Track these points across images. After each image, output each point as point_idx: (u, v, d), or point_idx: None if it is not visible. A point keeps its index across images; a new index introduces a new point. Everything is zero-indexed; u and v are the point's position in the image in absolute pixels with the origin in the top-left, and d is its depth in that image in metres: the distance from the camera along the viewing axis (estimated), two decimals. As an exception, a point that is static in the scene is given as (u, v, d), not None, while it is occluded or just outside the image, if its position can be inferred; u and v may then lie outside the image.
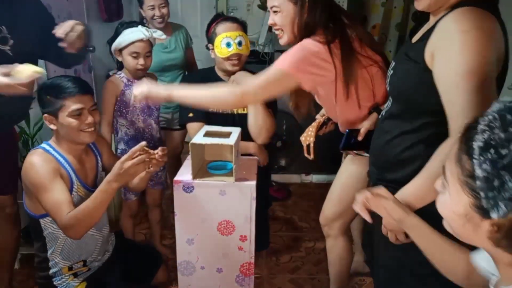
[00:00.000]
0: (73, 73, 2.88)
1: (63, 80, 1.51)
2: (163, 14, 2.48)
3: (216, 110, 1.92)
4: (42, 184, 1.39)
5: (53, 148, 1.51)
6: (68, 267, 1.57)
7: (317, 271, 2.22)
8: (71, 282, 1.59)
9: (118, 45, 1.92)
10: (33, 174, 1.41)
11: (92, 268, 1.64)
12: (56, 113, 1.49)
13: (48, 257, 1.55)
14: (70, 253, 1.56)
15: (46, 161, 1.44)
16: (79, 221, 1.35)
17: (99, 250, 1.65)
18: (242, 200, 1.58)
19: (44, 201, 1.40)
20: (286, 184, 3.28)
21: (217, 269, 1.69)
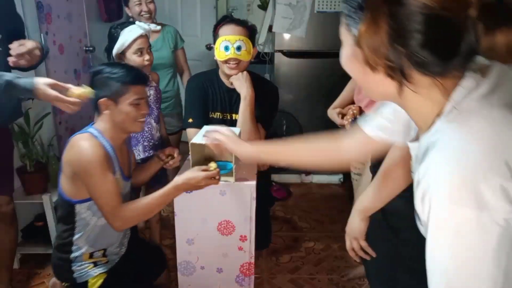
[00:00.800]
0: (73, 73, 2.89)
1: (128, 68, 1.54)
2: (150, 9, 2.44)
3: (216, 116, 1.92)
4: (95, 171, 1.38)
5: (101, 135, 1.50)
6: (89, 254, 1.56)
7: (317, 271, 2.22)
8: (90, 271, 1.57)
9: (121, 47, 1.90)
10: (85, 159, 1.39)
11: (110, 261, 1.62)
12: (117, 99, 1.49)
13: (73, 241, 1.54)
14: (95, 240, 1.55)
15: (97, 147, 1.42)
16: (136, 216, 1.42)
17: (120, 241, 1.65)
18: (242, 200, 1.58)
19: (95, 188, 1.39)
20: (286, 184, 3.27)
21: (217, 269, 1.69)
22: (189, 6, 3.78)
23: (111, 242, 1.60)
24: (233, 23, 1.83)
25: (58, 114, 2.69)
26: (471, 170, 0.57)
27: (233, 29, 1.81)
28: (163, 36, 2.56)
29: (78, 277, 1.56)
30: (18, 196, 2.14)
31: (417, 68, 0.60)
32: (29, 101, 2.31)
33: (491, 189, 0.56)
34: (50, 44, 2.56)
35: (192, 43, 2.99)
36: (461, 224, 0.57)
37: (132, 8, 2.45)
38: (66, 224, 1.53)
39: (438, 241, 0.61)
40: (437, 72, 0.60)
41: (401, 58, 0.59)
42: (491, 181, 0.56)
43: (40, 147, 2.21)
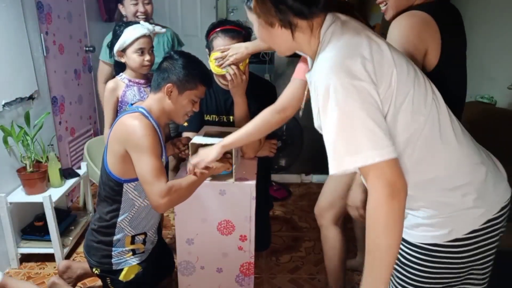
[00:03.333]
0: (73, 73, 2.89)
1: (204, 67, 1.61)
2: (147, 10, 2.27)
3: (212, 118, 1.91)
4: (148, 148, 1.41)
5: (149, 114, 1.53)
6: (131, 236, 1.60)
7: (317, 271, 2.22)
8: (128, 259, 1.62)
9: (122, 44, 1.88)
10: (138, 135, 1.42)
11: (146, 251, 1.67)
12: (183, 90, 1.55)
13: (118, 222, 1.57)
14: (138, 222, 1.60)
15: (149, 126, 1.46)
16: (178, 196, 1.45)
17: (157, 227, 1.71)
18: (242, 199, 1.58)
19: (145, 165, 1.41)
20: (286, 184, 3.27)
21: (217, 269, 1.69)
22: (189, 6, 3.79)
23: (152, 225, 1.65)
24: (227, 36, 1.75)
25: (58, 114, 2.70)
26: (339, 57, 0.87)
27: (228, 44, 1.73)
28: (157, 40, 2.32)
29: (116, 263, 1.60)
30: (18, 196, 2.14)
31: (296, 15, 0.92)
32: (29, 101, 2.32)
33: (354, 64, 0.85)
34: (50, 44, 2.56)
35: (192, 43, 2.98)
36: (337, 89, 0.83)
37: (128, 7, 2.27)
38: (110, 205, 1.57)
39: (325, 111, 0.86)
40: (308, 15, 0.92)
41: (285, 12, 0.91)
42: (353, 59, 0.85)
43: (40, 147, 2.22)
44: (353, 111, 0.83)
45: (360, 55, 0.86)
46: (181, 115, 1.59)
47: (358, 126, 0.82)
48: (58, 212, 2.24)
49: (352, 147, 0.83)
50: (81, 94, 3.01)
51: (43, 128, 2.22)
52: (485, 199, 0.97)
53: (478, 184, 0.97)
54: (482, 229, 0.97)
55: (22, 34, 2.24)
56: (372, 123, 0.82)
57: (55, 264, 2.17)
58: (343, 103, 0.83)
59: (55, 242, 2.15)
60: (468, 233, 0.96)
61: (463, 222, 0.96)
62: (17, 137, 2.05)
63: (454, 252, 0.97)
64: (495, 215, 0.98)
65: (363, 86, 0.83)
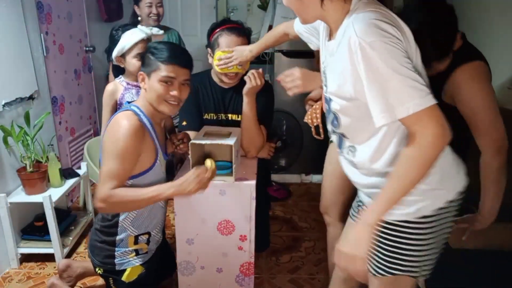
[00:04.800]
0: (73, 73, 2.89)
1: (169, 46, 1.53)
2: (159, 13, 2.55)
3: (210, 117, 1.92)
4: (116, 152, 1.40)
5: (142, 112, 1.51)
6: (134, 236, 1.59)
7: (317, 271, 2.22)
8: (131, 259, 1.60)
9: (121, 50, 1.89)
10: (116, 138, 1.41)
11: (149, 251, 1.65)
12: (150, 74, 1.50)
13: (120, 221, 1.56)
14: (141, 221, 1.58)
15: (135, 128, 1.42)
16: (122, 203, 1.40)
17: (161, 225, 1.70)
18: (242, 199, 1.58)
19: (104, 165, 1.41)
20: (286, 184, 3.27)
21: (217, 269, 1.69)
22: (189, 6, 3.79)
23: (155, 224, 1.64)
24: (233, 34, 1.78)
25: (58, 114, 2.70)
26: (374, 21, 0.94)
27: (234, 41, 1.77)
28: (168, 39, 2.64)
29: (119, 264, 1.59)
30: (18, 196, 2.14)
31: None
32: (29, 101, 2.32)
33: (389, 27, 0.94)
34: (50, 44, 2.56)
35: (192, 43, 2.99)
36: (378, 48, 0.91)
37: (143, 9, 2.53)
38: None
39: (369, 69, 0.93)
40: None
41: None
42: (388, 25, 0.94)
43: (40, 147, 2.22)
44: (396, 66, 0.91)
45: (391, 22, 0.96)
46: (158, 102, 1.50)
47: (403, 79, 0.91)
48: (58, 212, 2.24)
49: (403, 97, 0.91)
50: (81, 94, 3.01)
51: (43, 128, 2.22)
52: (448, 183, 1.12)
53: (444, 169, 1.09)
54: (444, 207, 1.11)
55: (22, 34, 2.24)
56: (413, 75, 0.92)
57: (55, 264, 2.17)
58: (386, 60, 0.91)
59: (55, 242, 2.15)
60: (433, 210, 1.09)
61: (429, 201, 1.09)
62: (17, 137, 2.05)
63: (422, 228, 1.10)
64: (454, 198, 1.12)
65: (399, 44, 0.93)
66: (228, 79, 1.84)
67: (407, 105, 0.91)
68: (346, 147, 1.17)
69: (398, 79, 0.91)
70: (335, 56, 1.07)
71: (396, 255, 1.14)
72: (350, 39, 0.95)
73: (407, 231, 1.11)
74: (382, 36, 0.92)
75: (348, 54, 0.97)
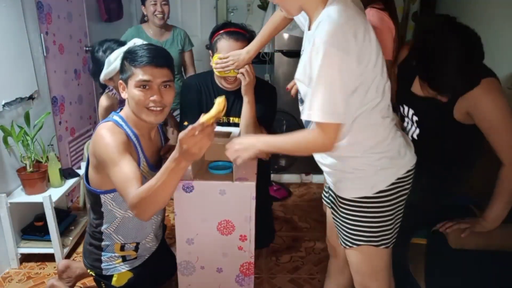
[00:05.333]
0: (73, 73, 2.89)
1: (142, 47, 1.40)
2: (164, 11, 2.60)
3: None
4: (112, 158, 1.29)
5: (125, 122, 1.41)
6: (121, 245, 1.52)
7: (317, 271, 2.22)
8: (118, 265, 1.54)
9: (109, 73, 1.82)
10: (103, 148, 1.32)
11: (139, 257, 1.58)
12: (127, 81, 1.38)
13: (103, 230, 1.51)
14: (126, 232, 1.52)
15: (116, 134, 1.35)
16: (144, 201, 1.19)
17: (153, 235, 1.61)
18: (242, 199, 1.57)
19: (114, 176, 1.29)
20: (286, 184, 3.28)
21: (217, 269, 1.69)
22: (189, 6, 3.79)
23: (144, 235, 1.56)
24: (231, 38, 1.77)
25: (58, 114, 2.70)
26: (339, 27, 1.04)
27: (233, 45, 1.75)
28: (173, 37, 2.71)
29: (105, 269, 1.55)
30: (18, 196, 2.14)
31: None
32: (29, 101, 2.32)
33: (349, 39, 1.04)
34: (50, 44, 2.56)
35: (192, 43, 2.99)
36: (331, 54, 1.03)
37: (148, 8, 2.60)
38: (94, 213, 1.52)
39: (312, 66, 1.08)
40: None
41: None
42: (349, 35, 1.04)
43: (40, 147, 2.22)
44: (332, 77, 1.05)
45: (356, 33, 1.06)
46: (139, 109, 1.38)
47: (330, 92, 1.06)
48: (58, 212, 2.24)
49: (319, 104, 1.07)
50: (81, 94, 3.01)
51: (43, 128, 2.22)
52: (397, 162, 1.28)
53: (393, 152, 1.26)
54: (396, 183, 1.27)
55: (22, 34, 2.24)
56: (341, 93, 1.07)
57: (55, 264, 2.17)
58: (327, 67, 1.05)
59: (55, 242, 2.16)
60: (387, 185, 1.26)
61: (382, 178, 1.26)
62: (17, 137, 2.05)
63: (380, 201, 1.28)
64: (404, 175, 1.29)
65: (349, 60, 1.05)
66: (227, 83, 1.84)
67: (316, 113, 1.08)
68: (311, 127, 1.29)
69: (328, 89, 1.06)
70: (307, 47, 1.17)
71: (358, 228, 1.32)
72: (316, 36, 1.07)
73: (367, 205, 1.29)
74: (341, 49, 1.04)
75: (311, 47, 1.09)
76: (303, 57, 1.23)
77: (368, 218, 1.30)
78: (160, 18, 2.60)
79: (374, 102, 1.19)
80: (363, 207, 1.29)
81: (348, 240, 1.37)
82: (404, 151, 1.30)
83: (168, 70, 1.40)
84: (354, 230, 1.34)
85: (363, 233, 1.33)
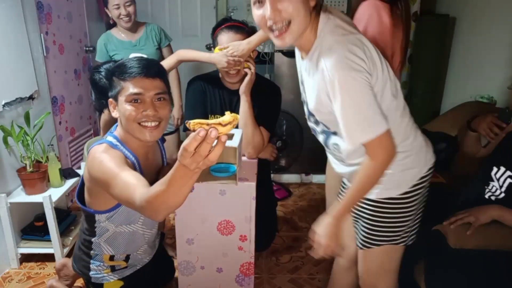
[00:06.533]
0: (73, 73, 2.89)
1: (131, 59, 1.29)
2: (129, 12, 2.43)
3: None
4: (110, 173, 1.17)
5: (120, 142, 1.30)
6: (110, 255, 1.46)
7: (317, 271, 2.22)
8: (106, 275, 1.48)
9: None
10: (98, 166, 1.21)
11: (130, 267, 1.52)
12: (116, 97, 1.27)
13: (93, 240, 1.45)
14: (116, 245, 1.46)
15: (112, 153, 1.24)
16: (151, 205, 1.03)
17: (145, 248, 1.53)
18: (242, 200, 1.57)
19: (116, 189, 1.14)
20: (286, 184, 3.27)
21: (217, 269, 1.69)
22: (189, 6, 3.78)
23: (135, 248, 1.50)
24: (231, 31, 1.78)
25: (58, 114, 2.69)
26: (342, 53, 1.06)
27: (232, 37, 1.77)
28: (146, 34, 2.56)
29: (94, 277, 1.49)
30: (18, 196, 2.14)
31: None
32: (29, 101, 2.32)
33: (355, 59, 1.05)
34: (50, 44, 2.56)
35: (192, 43, 2.98)
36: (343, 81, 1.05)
37: (112, 11, 2.44)
38: (88, 225, 1.47)
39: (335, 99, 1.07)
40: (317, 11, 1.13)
41: None
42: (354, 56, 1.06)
43: (40, 147, 2.21)
44: (355, 100, 1.07)
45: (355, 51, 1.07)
46: (132, 127, 1.26)
47: (359, 111, 1.07)
48: (58, 212, 2.24)
49: (359, 128, 1.08)
50: (81, 94, 3.01)
51: (43, 128, 2.22)
52: (420, 162, 1.30)
53: (415, 151, 1.28)
54: (420, 183, 1.30)
55: (22, 34, 2.24)
56: (372, 106, 1.07)
57: (55, 264, 2.17)
58: (350, 92, 1.06)
59: (55, 242, 2.15)
60: (411, 186, 1.28)
61: (407, 177, 1.28)
62: (17, 137, 2.05)
63: (404, 202, 1.29)
64: (426, 173, 1.31)
65: (362, 76, 1.06)
66: (230, 78, 1.83)
67: (360, 136, 1.09)
68: (331, 144, 1.30)
69: (357, 112, 1.08)
70: (310, 79, 1.20)
71: (381, 228, 1.33)
72: (323, 71, 1.08)
73: (392, 206, 1.29)
74: (351, 69, 1.05)
75: (322, 84, 1.10)
76: (309, 89, 1.23)
77: (392, 219, 1.31)
78: (126, 21, 2.43)
79: (392, 105, 1.20)
80: (388, 207, 1.30)
81: (367, 241, 1.37)
82: (425, 149, 1.32)
83: (161, 81, 1.29)
84: (377, 231, 1.34)
85: (386, 233, 1.33)
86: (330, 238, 1.24)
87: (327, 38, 1.10)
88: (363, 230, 1.37)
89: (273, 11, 1.04)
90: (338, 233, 1.25)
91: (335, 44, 1.08)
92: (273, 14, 1.04)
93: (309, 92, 1.24)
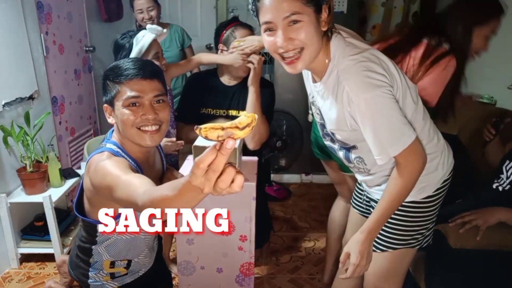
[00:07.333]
0: (73, 73, 2.89)
1: (124, 61, 1.22)
2: (152, 16, 2.63)
3: (208, 112, 1.96)
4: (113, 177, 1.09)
5: (121, 149, 1.23)
6: (110, 261, 1.40)
7: (317, 271, 2.22)
8: (105, 283, 1.42)
9: (139, 53, 1.75)
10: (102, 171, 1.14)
11: (130, 274, 1.46)
12: (112, 102, 1.19)
13: (92, 247, 1.39)
14: (117, 251, 1.40)
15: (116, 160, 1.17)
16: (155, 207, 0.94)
17: (146, 252, 1.47)
18: (242, 200, 1.58)
19: (118, 192, 1.07)
20: (286, 184, 3.28)
21: (217, 269, 1.69)
22: (189, 6, 3.78)
23: (136, 253, 1.44)
24: (245, 28, 1.90)
25: (58, 114, 2.69)
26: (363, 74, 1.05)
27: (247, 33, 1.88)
28: (170, 36, 2.72)
29: (92, 285, 1.43)
30: (18, 196, 2.14)
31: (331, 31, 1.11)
32: (29, 101, 2.32)
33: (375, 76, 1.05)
34: (50, 44, 2.56)
35: (192, 43, 2.98)
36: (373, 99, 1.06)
37: (137, 16, 2.67)
38: (87, 234, 1.39)
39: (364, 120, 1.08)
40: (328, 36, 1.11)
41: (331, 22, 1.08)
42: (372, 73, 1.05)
43: (40, 147, 2.21)
44: (383, 115, 1.07)
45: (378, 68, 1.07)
46: (130, 132, 1.19)
47: (389, 125, 1.08)
48: (58, 212, 2.24)
49: (390, 141, 1.09)
50: (81, 94, 3.01)
51: (43, 128, 2.22)
52: (443, 165, 1.29)
53: (440, 153, 1.28)
54: (442, 186, 1.30)
55: (22, 34, 2.24)
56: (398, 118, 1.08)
57: (55, 264, 2.17)
58: (380, 111, 1.07)
59: (55, 242, 2.15)
60: (434, 190, 1.28)
61: (431, 182, 1.27)
62: (17, 137, 2.05)
63: (427, 206, 1.29)
64: (448, 177, 1.32)
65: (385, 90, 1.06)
66: (243, 72, 1.89)
67: (392, 149, 1.09)
68: (353, 159, 1.29)
69: (387, 125, 1.08)
70: (326, 101, 1.19)
71: (401, 232, 1.31)
72: (347, 93, 1.08)
73: (414, 210, 1.28)
74: (375, 88, 1.05)
75: (343, 106, 1.11)
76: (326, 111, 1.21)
77: (413, 223, 1.30)
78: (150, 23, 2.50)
79: (415, 110, 1.20)
80: (410, 211, 1.29)
81: (384, 244, 1.34)
82: (447, 150, 1.32)
83: (159, 82, 1.22)
84: (396, 234, 1.32)
85: (405, 236, 1.31)
86: (366, 258, 1.21)
87: (342, 60, 1.09)
88: (381, 234, 1.33)
89: (286, 39, 1.01)
90: (370, 251, 1.23)
91: (353, 64, 1.07)
92: (286, 43, 1.01)
93: (326, 114, 1.22)
